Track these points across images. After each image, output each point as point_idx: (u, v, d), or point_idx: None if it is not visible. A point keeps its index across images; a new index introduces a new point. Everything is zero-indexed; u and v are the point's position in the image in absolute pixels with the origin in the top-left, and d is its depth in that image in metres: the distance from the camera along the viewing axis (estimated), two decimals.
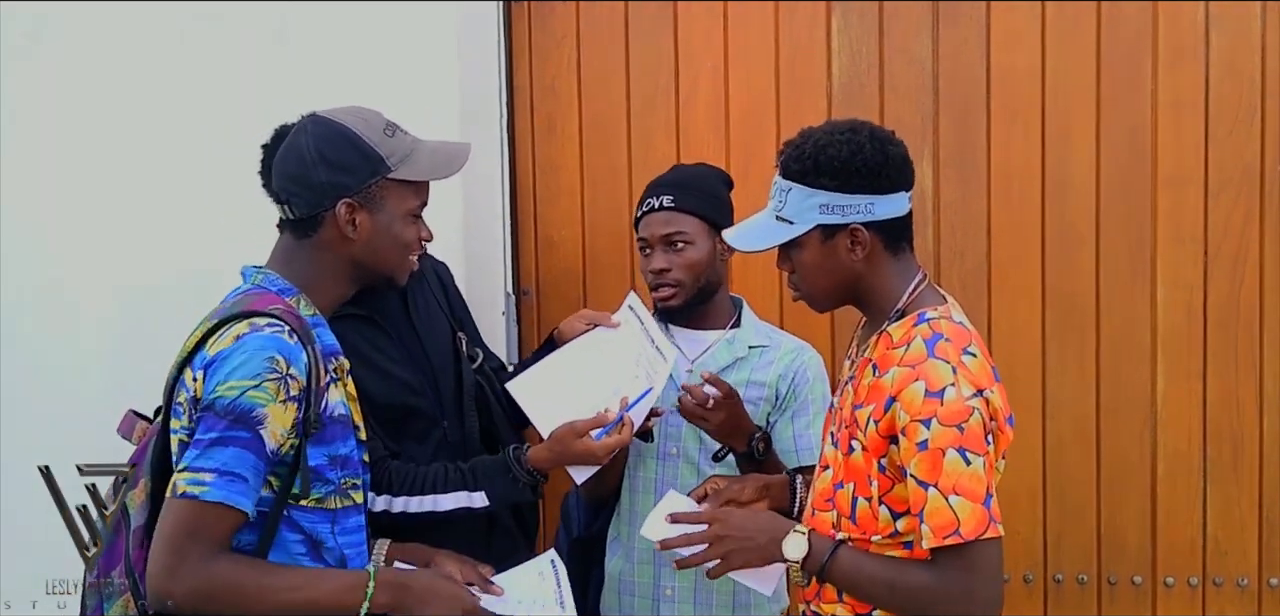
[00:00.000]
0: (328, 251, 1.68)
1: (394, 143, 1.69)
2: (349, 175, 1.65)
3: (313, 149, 1.65)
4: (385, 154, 1.67)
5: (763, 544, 1.66)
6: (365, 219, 1.67)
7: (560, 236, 2.68)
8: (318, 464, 1.61)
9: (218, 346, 1.55)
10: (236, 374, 1.52)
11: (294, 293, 1.66)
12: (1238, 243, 2.46)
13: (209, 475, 1.50)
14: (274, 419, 1.53)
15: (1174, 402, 2.49)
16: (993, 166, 2.52)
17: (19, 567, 2.61)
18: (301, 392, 1.55)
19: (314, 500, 1.62)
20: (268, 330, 1.55)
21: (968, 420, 1.51)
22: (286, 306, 1.62)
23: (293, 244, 1.69)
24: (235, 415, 1.51)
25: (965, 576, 1.52)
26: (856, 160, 1.60)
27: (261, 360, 1.52)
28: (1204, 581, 2.52)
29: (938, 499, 1.50)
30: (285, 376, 1.53)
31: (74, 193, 2.67)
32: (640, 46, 2.63)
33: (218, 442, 1.51)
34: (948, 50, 2.52)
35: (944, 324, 1.60)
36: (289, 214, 1.68)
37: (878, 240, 1.63)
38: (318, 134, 1.66)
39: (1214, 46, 2.43)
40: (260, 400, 1.51)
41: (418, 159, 1.71)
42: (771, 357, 2.17)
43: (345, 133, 1.66)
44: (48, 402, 2.67)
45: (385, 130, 1.69)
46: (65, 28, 2.65)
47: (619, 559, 2.22)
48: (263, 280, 1.67)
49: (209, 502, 1.50)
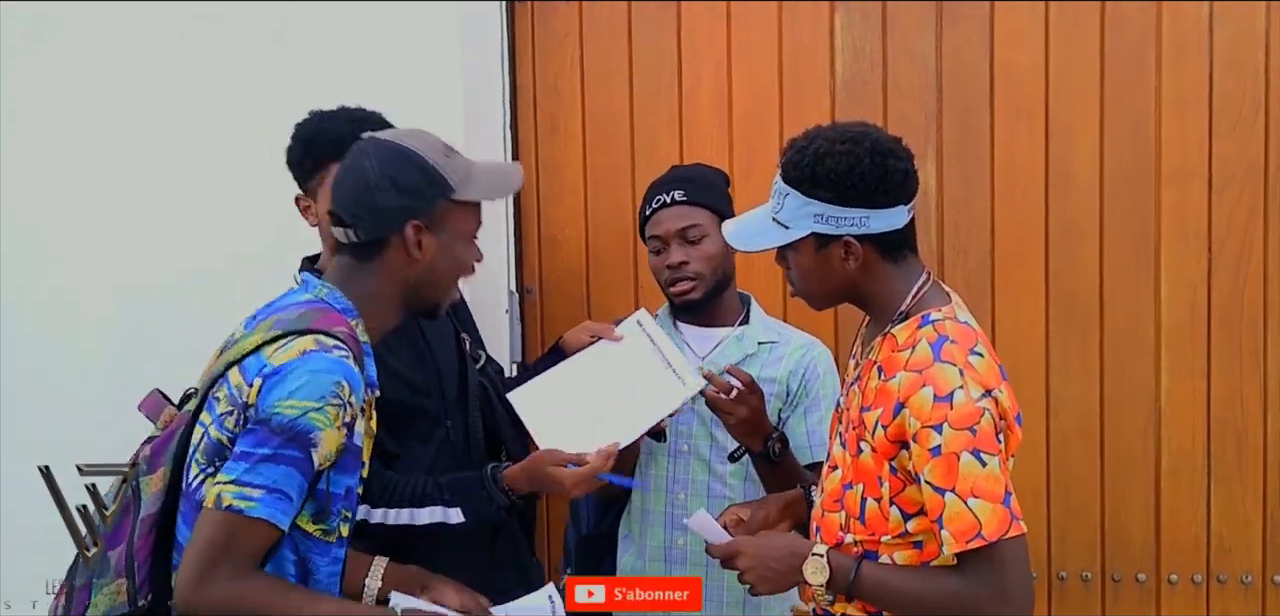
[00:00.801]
0: (388, 275, 1.64)
1: (454, 164, 1.65)
2: (417, 197, 1.62)
3: (378, 171, 1.61)
4: (448, 175, 1.64)
5: (783, 570, 1.65)
6: (430, 241, 1.64)
7: (563, 235, 2.68)
8: (335, 491, 1.58)
9: (282, 358, 1.51)
10: (300, 393, 1.48)
11: (355, 315, 1.62)
12: (1241, 239, 2.45)
13: (257, 491, 1.47)
14: (326, 442, 1.50)
15: (1178, 399, 2.49)
16: (996, 164, 2.52)
17: (19, 567, 2.60)
18: (352, 420, 1.53)
19: (319, 529, 1.58)
20: (335, 353, 1.52)
21: (979, 421, 1.50)
22: (350, 330, 1.59)
23: (352, 265, 1.65)
24: (292, 434, 1.47)
25: (994, 578, 1.50)
26: (853, 175, 1.58)
27: (328, 383, 1.49)
28: (1208, 578, 2.52)
29: (956, 503, 1.49)
30: (346, 402, 1.51)
31: (74, 193, 2.66)
32: (643, 45, 2.62)
33: (269, 459, 1.47)
34: (951, 48, 2.52)
35: (949, 325, 1.59)
36: (353, 237, 1.63)
37: (872, 251, 1.62)
38: (382, 156, 1.62)
39: (1217, 42, 2.43)
40: (319, 422, 1.48)
41: (476, 180, 1.68)
42: (781, 353, 2.16)
43: (410, 154, 1.62)
44: (48, 402, 2.66)
45: (444, 152, 1.66)
46: (65, 28, 2.64)
47: (631, 555, 2.22)
48: (327, 296, 1.63)
49: (253, 518, 1.47)
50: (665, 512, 2.17)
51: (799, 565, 1.62)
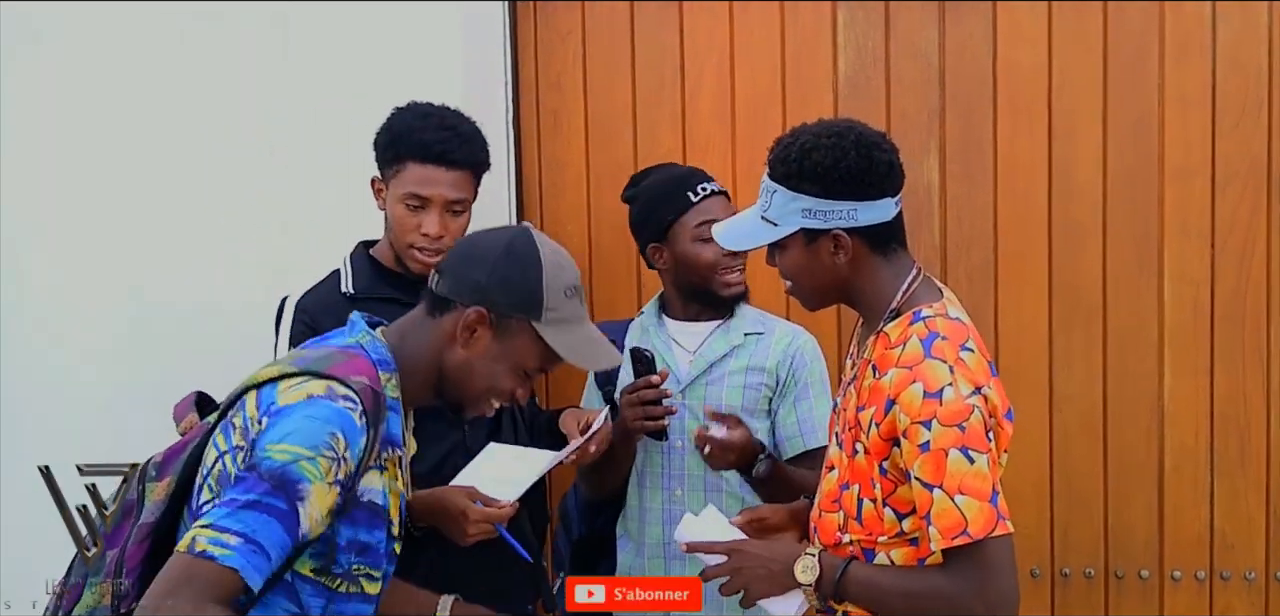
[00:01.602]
0: (435, 342, 1.58)
1: (566, 305, 1.57)
2: (503, 293, 1.55)
3: (498, 253, 1.56)
4: (547, 302, 1.56)
5: (776, 571, 1.64)
6: (484, 338, 1.56)
7: (566, 232, 2.67)
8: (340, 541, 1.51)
9: (289, 398, 1.44)
10: (292, 438, 1.40)
11: (391, 368, 1.55)
12: (1244, 236, 2.45)
13: (234, 538, 1.36)
14: (315, 499, 1.41)
15: (1181, 396, 2.49)
16: (999, 161, 2.52)
17: (19, 567, 2.59)
18: (348, 478, 1.45)
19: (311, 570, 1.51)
20: (341, 403, 1.44)
21: (968, 419, 1.50)
22: (373, 380, 1.50)
23: (422, 317, 1.60)
24: (279, 481, 1.38)
25: (979, 576, 1.50)
26: (839, 167, 1.58)
27: (324, 433, 1.41)
28: (1211, 575, 2.52)
29: (944, 500, 1.50)
30: (340, 457, 1.42)
31: (74, 192, 2.66)
32: (645, 42, 2.62)
33: (252, 506, 1.37)
34: (953, 45, 2.52)
35: (939, 321, 1.59)
36: (435, 287, 1.59)
37: (861, 245, 1.62)
38: (513, 248, 1.56)
39: (1220, 40, 2.43)
40: (309, 474, 1.39)
41: (571, 336, 1.58)
42: (768, 344, 2.18)
43: (531, 260, 1.56)
44: (48, 402, 2.65)
45: (570, 290, 1.58)
46: (65, 28, 2.63)
47: (629, 553, 2.22)
48: (368, 344, 1.56)
49: (222, 566, 1.35)
50: (663, 509, 2.18)
51: (791, 563, 1.63)
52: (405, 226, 2.01)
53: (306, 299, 2.05)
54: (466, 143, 2.03)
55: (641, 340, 2.23)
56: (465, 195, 2.04)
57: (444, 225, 2.01)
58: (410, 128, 2.02)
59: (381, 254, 2.10)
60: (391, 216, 2.05)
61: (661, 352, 2.18)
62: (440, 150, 2.00)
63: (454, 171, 2.01)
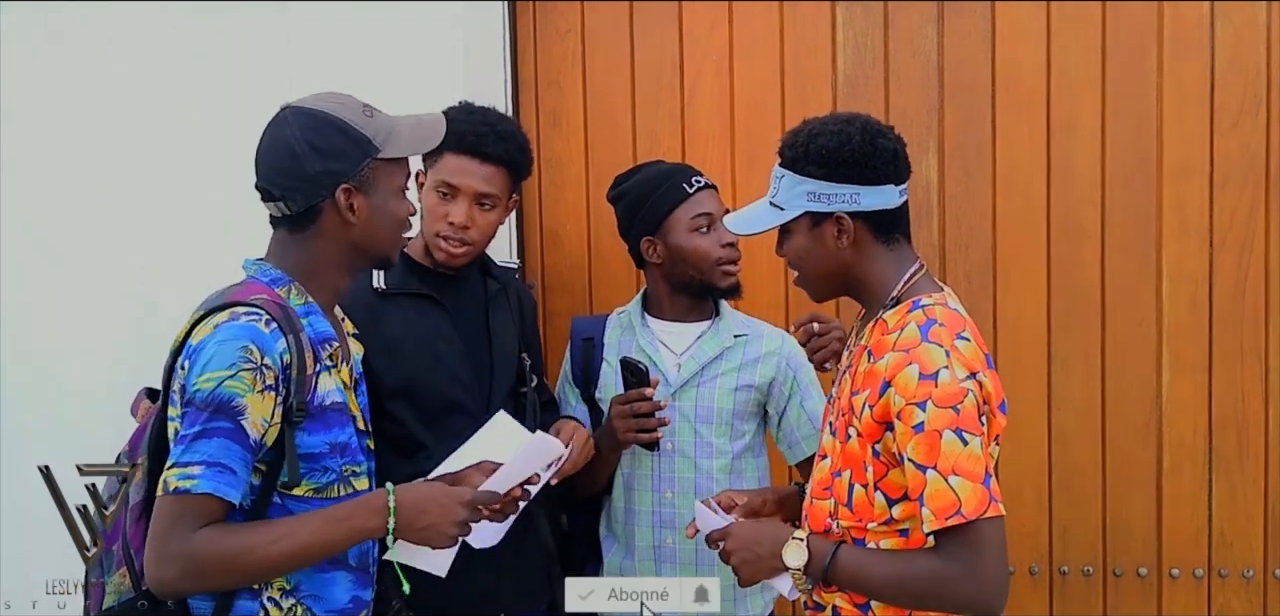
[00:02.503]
0: (327, 240, 1.68)
1: (375, 123, 1.68)
2: (343, 160, 1.64)
3: (301, 141, 1.63)
4: (371, 135, 1.66)
5: (764, 555, 1.67)
6: (361, 202, 1.66)
7: (565, 230, 2.67)
8: (318, 451, 1.62)
9: (199, 336, 1.56)
10: (212, 365, 1.52)
11: (286, 282, 1.66)
12: (1243, 234, 2.46)
13: (197, 468, 1.51)
14: (253, 409, 1.53)
15: (1179, 394, 2.50)
16: (998, 159, 2.52)
17: (19, 567, 2.59)
18: (277, 381, 1.56)
19: (311, 489, 1.62)
20: (244, 318, 1.56)
21: (962, 401, 1.52)
22: (273, 295, 1.62)
23: (288, 238, 1.68)
24: (215, 406, 1.51)
25: (971, 557, 1.51)
26: (844, 150, 1.62)
27: (235, 349, 1.53)
28: (1209, 573, 2.52)
29: (938, 480, 1.51)
30: (260, 366, 1.54)
31: (75, 192, 2.65)
32: (645, 41, 2.62)
33: (201, 435, 1.51)
34: (952, 43, 2.52)
35: (938, 309, 1.61)
36: (284, 210, 1.66)
37: (865, 230, 1.65)
38: (303, 124, 1.64)
39: (1219, 38, 2.44)
40: (237, 390, 1.52)
41: (400, 135, 1.70)
42: (756, 349, 2.18)
43: (331, 119, 1.65)
44: (48, 402, 2.64)
45: (364, 112, 1.68)
46: (67, 28, 2.62)
47: (618, 554, 2.21)
48: (257, 272, 1.68)
49: (198, 495, 1.51)
50: (653, 512, 2.17)
51: (780, 547, 1.64)
52: (434, 215, 2.04)
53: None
54: (503, 140, 2.05)
55: (625, 338, 2.22)
56: (496, 191, 2.04)
57: (471, 216, 2.02)
58: (453, 120, 2.02)
59: (415, 250, 2.12)
60: (425, 206, 2.08)
61: (648, 353, 2.18)
62: (475, 142, 2.02)
63: (487, 166, 2.03)
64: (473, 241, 2.04)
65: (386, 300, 2.04)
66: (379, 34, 2.51)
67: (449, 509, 1.65)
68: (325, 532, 1.58)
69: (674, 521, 2.14)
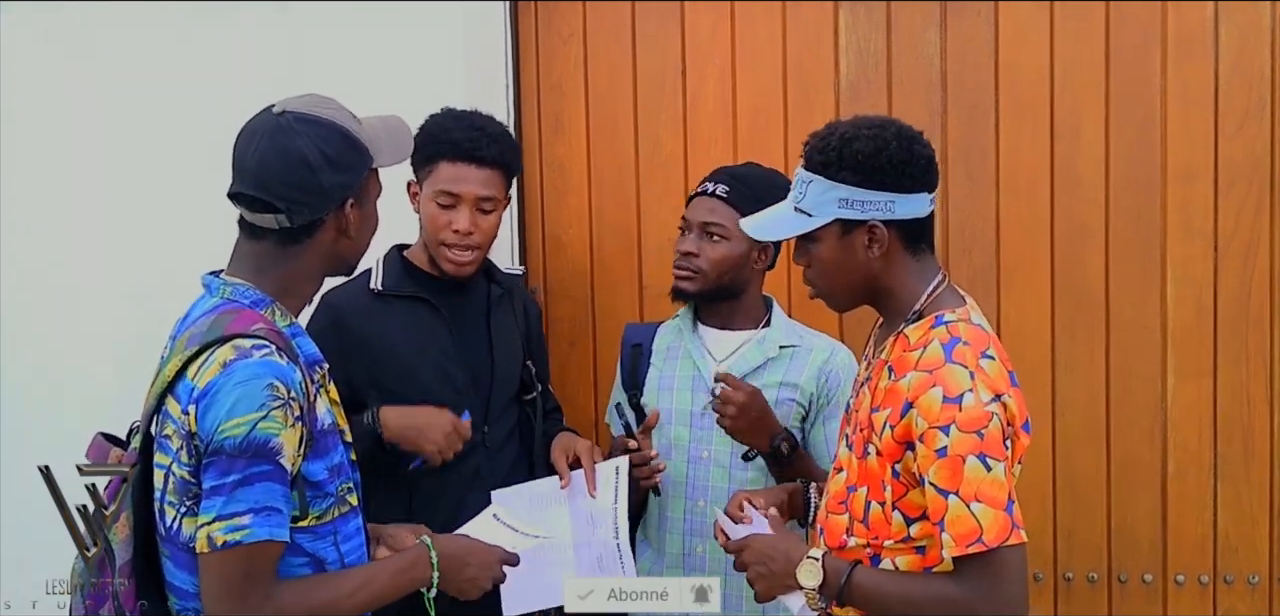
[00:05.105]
0: (315, 253, 1.59)
1: (366, 132, 1.62)
2: (351, 172, 1.58)
3: (316, 152, 1.53)
4: (368, 145, 1.61)
5: (778, 571, 1.63)
6: (357, 214, 1.61)
7: (568, 235, 2.67)
8: (319, 478, 1.56)
9: (205, 377, 1.46)
10: (238, 409, 1.44)
11: (268, 303, 1.57)
12: (1248, 238, 2.45)
13: (246, 517, 1.44)
14: (288, 445, 1.47)
15: (1184, 399, 2.48)
16: (1001, 163, 2.51)
17: (19, 567, 2.58)
18: (302, 413, 1.50)
19: (314, 517, 1.56)
20: (257, 355, 1.47)
21: (987, 426, 1.48)
22: (267, 323, 1.53)
23: (275, 252, 1.57)
24: (252, 451, 1.44)
25: (991, 585, 1.48)
26: (881, 156, 1.57)
27: (260, 389, 1.45)
28: (1215, 579, 2.51)
29: (959, 507, 1.47)
30: (287, 401, 1.47)
31: (76, 192, 2.65)
32: (647, 45, 2.62)
33: (242, 483, 1.44)
34: (956, 47, 2.51)
35: (962, 326, 1.57)
36: (283, 223, 1.55)
37: (896, 239, 1.60)
38: (314, 135, 1.54)
39: (1223, 41, 2.43)
40: (272, 430, 1.45)
41: (382, 144, 1.65)
42: (803, 360, 2.15)
43: (338, 128, 1.57)
44: (48, 402, 2.64)
45: (354, 118, 1.62)
46: (68, 27, 2.63)
47: (649, 558, 2.21)
48: (232, 293, 1.56)
49: (254, 544, 1.45)
50: (684, 519, 2.16)
51: (794, 566, 1.61)
52: (437, 224, 2.05)
53: (334, 294, 2.06)
54: (496, 142, 2.07)
55: (674, 344, 2.22)
56: (494, 193, 2.07)
57: (474, 222, 2.04)
58: (443, 128, 2.07)
59: (415, 255, 2.14)
60: (424, 216, 2.08)
61: (694, 359, 2.17)
62: (470, 147, 2.03)
63: (484, 169, 2.05)
64: (478, 246, 2.07)
65: (384, 302, 2.05)
66: (381, 39, 2.51)
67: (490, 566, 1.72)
68: (394, 584, 1.60)
69: (705, 530, 2.12)
